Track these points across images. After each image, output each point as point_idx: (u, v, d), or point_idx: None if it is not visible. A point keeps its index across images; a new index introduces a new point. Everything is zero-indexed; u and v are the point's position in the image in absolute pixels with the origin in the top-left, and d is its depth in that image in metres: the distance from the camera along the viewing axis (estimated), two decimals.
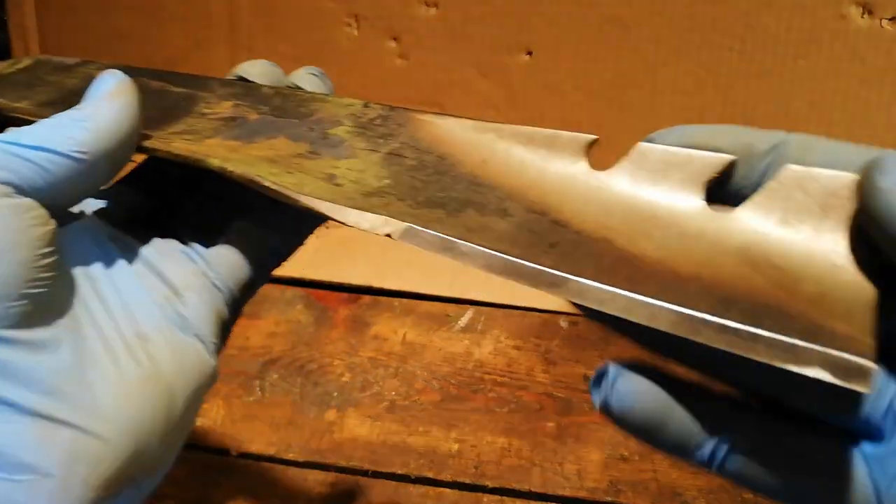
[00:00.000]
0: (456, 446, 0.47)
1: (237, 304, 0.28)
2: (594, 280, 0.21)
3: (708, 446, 0.20)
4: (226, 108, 0.33)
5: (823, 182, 0.21)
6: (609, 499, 0.44)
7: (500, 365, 0.53)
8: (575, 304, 0.21)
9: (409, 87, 0.70)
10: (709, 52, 0.64)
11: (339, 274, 0.61)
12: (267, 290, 0.60)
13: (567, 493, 0.44)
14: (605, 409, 0.21)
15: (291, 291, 0.60)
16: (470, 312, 0.57)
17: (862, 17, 0.61)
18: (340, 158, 0.29)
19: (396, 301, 0.59)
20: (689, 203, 0.24)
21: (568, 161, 0.27)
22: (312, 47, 0.71)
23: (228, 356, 0.54)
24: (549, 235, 0.24)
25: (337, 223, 0.28)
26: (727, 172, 0.23)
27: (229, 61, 0.73)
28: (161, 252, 0.26)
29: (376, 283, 0.60)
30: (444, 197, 0.26)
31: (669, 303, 0.20)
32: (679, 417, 0.21)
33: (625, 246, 0.23)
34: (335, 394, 0.51)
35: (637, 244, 0.22)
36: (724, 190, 0.23)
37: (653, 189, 0.25)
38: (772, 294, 0.20)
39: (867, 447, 0.20)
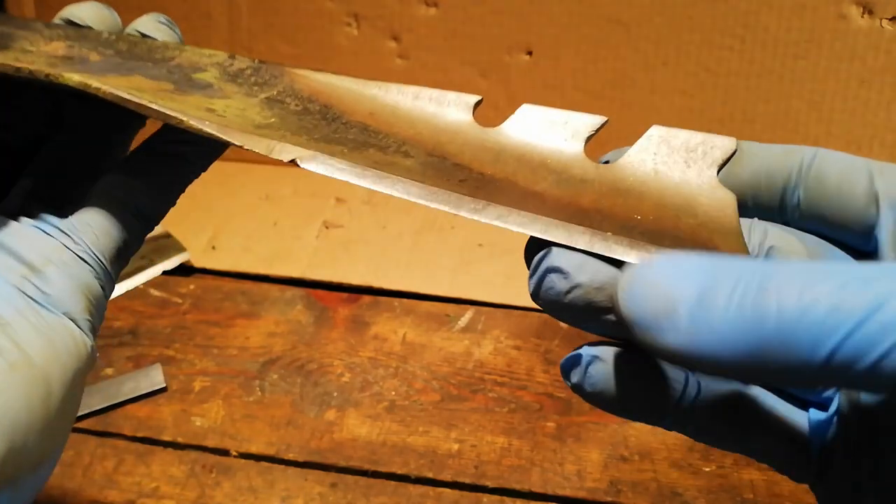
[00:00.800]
0: (456, 446, 0.47)
1: (109, 274, 0.26)
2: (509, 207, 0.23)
3: (669, 419, 0.22)
4: (57, 48, 0.29)
5: (683, 139, 0.25)
6: (609, 499, 0.44)
7: (500, 365, 0.53)
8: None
9: None
10: (709, 52, 0.64)
11: (339, 274, 0.61)
12: (267, 289, 0.60)
13: (567, 493, 0.44)
14: (578, 390, 0.22)
15: (291, 291, 0.60)
16: (470, 312, 0.57)
17: (862, 17, 0.61)
18: (214, 98, 0.28)
19: (396, 301, 0.59)
20: (573, 154, 0.26)
21: (456, 117, 0.29)
22: (312, 47, 0.71)
23: (228, 356, 0.54)
24: (455, 173, 0.25)
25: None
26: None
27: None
28: (11, 230, 0.23)
29: (376, 283, 0.60)
30: (340, 137, 0.26)
31: (581, 226, 0.22)
32: (645, 394, 0.22)
33: (527, 185, 0.24)
34: (335, 394, 0.51)
35: (537, 184, 0.24)
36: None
37: (539, 142, 0.27)
38: (660, 224, 0.22)
39: (813, 413, 0.22)
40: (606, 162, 0.27)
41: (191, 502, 0.44)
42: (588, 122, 0.28)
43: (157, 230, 0.65)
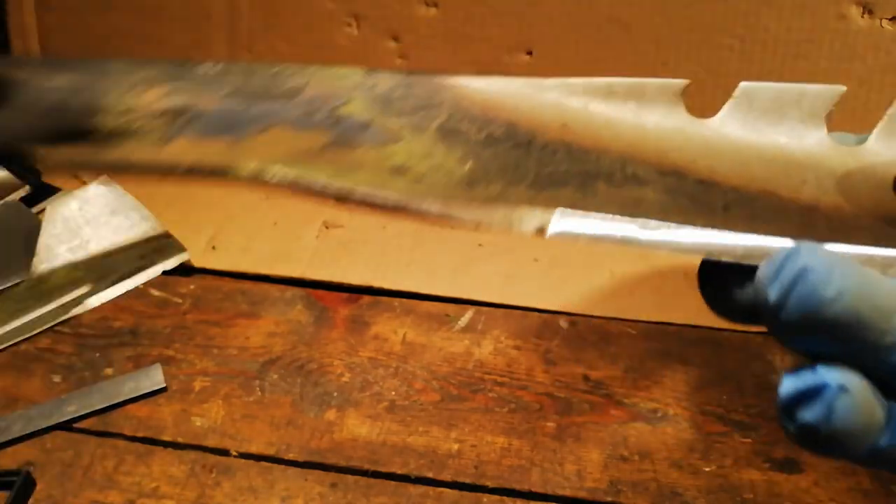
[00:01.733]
0: (456, 446, 0.47)
1: None
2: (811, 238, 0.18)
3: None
4: (156, 97, 0.24)
5: None
6: (609, 499, 0.44)
7: (500, 365, 0.53)
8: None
9: None
10: (709, 52, 0.64)
11: (339, 274, 0.61)
12: (267, 289, 0.60)
13: (567, 493, 0.44)
14: (808, 433, 0.18)
15: (291, 291, 0.60)
16: (470, 312, 0.57)
17: (862, 17, 0.61)
18: (387, 145, 0.24)
19: (396, 301, 0.59)
20: (819, 141, 0.21)
21: (664, 112, 0.24)
22: (312, 47, 0.71)
23: (228, 356, 0.54)
24: (709, 197, 0.21)
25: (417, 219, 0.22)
26: None
27: (229, 61, 0.73)
28: None
29: (376, 283, 0.60)
30: (554, 173, 0.22)
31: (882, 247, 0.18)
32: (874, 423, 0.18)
33: (791, 196, 0.20)
34: (335, 394, 0.51)
35: (801, 192, 0.20)
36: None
37: (773, 131, 0.22)
38: None
39: None
40: (858, 142, 0.22)
41: (191, 502, 0.44)
42: (824, 94, 0.22)
43: (158, 230, 0.65)
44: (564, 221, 0.20)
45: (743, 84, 0.23)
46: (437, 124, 0.24)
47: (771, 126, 0.22)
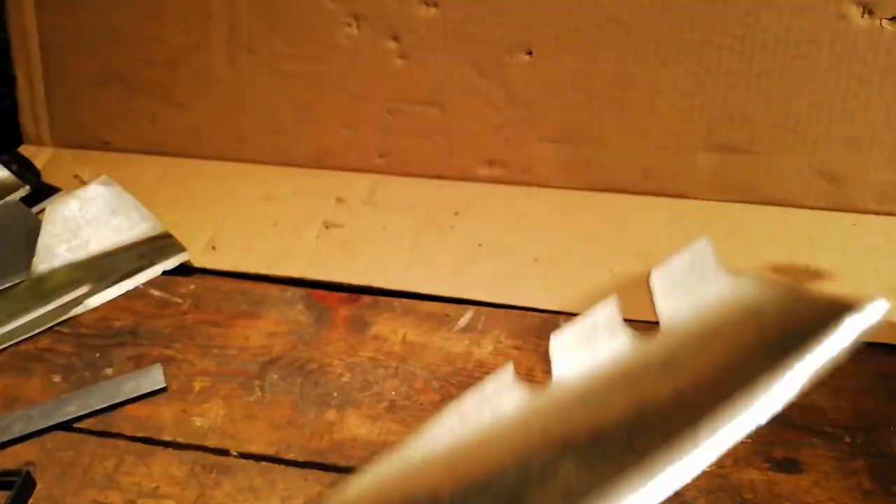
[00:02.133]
0: None
1: None
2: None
3: None
4: None
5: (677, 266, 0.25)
6: None
7: (500, 365, 0.53)
8: None
9: (409, 86, 0.70)
10: (709, 52, 0.64)
11: (339, 274, 0.61)
12: (267, 289, 0.60)
13: None
14: None
15: (291, 291, 0.60)
16: (470, 312, 0.57)
17: (862, 17, 0.61)
18: None
19: (396, 301, 0.59)
20: (628, 347, 0.26)
21: (508, 402, 0.28)
22: (312, 47, 0.71)
23: (228, 356, 0.54)
24: (612, 454, 0.25)
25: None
26: None
27: (229, 61, 0.73)
28: None
29: (376, 283, 0.60)
30: None
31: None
32: None
33: (637, 411, 0.25)
34: (335, 394, 0.51)
35: (651, 392, 0.25)
36: None
37: (595, 363, 0.27)
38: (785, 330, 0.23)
39: None
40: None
41: (191, 502, 0.44)
42: (609, 312, 0.27)
43: (157, 230, 0.65)
44: None
45: (552, 339, 0.28)
46: None
47: (591, 356, 0.27)
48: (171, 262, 0.62)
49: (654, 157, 0.68)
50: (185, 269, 0.62)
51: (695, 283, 0.29)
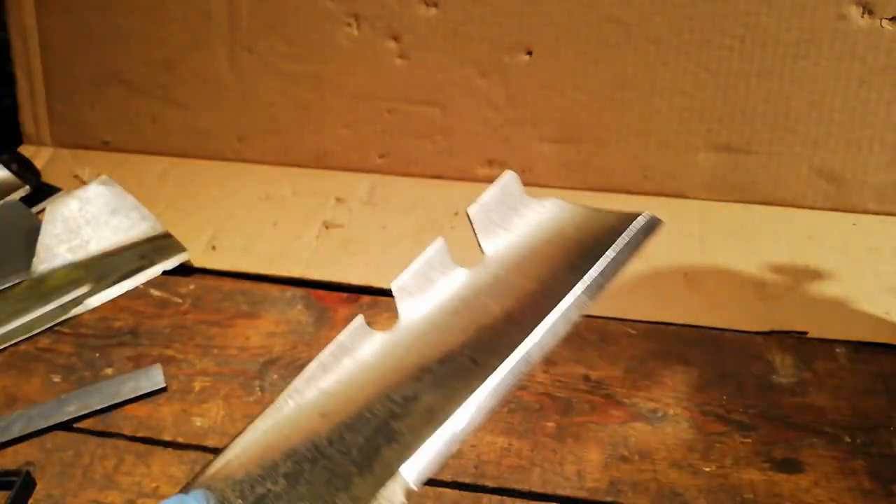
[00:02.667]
0: (455, 446, 0.47)
1: None
2: None
3: None
4: None
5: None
6: (609, 499, 0.44)
7: None
8: None
9: (409, 86, 0.70)
10: (709, 52, 0.64)
11: (339, 274, 0.61)
12: (267, 289, 0.60)
13: (567, 493, 0.44)
14: None
15: (291, 291, 0.60)
16: None
17: (862, 17, 0.61)
18: None
19: None
20: (464, 276, 0.35)
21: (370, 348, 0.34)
22: (312, 47, 0.71)
23: (229, 356, 0.54)
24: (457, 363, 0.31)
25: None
26: None
27: (229, 61, 0.73)
28: None
29: (376, 283, 0.60)
30: (357, 447, 0.30)
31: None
32: None
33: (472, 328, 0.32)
34: None
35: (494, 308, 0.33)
36: None
37: (438, 301, 0.34)
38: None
39: None
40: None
41: None
42: (439, 251, 0.33)
43: (157, 230, 0.65)
44: (410, 471, 0.27)
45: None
46: None
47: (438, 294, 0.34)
48: (171, 262, 0.62)
49: (654, 157, 0.68)
50: (185, 269, 0.62)
51: (507, 213, 0.35)
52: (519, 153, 0.70)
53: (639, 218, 0.33)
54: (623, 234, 0.32)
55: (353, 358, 0.33)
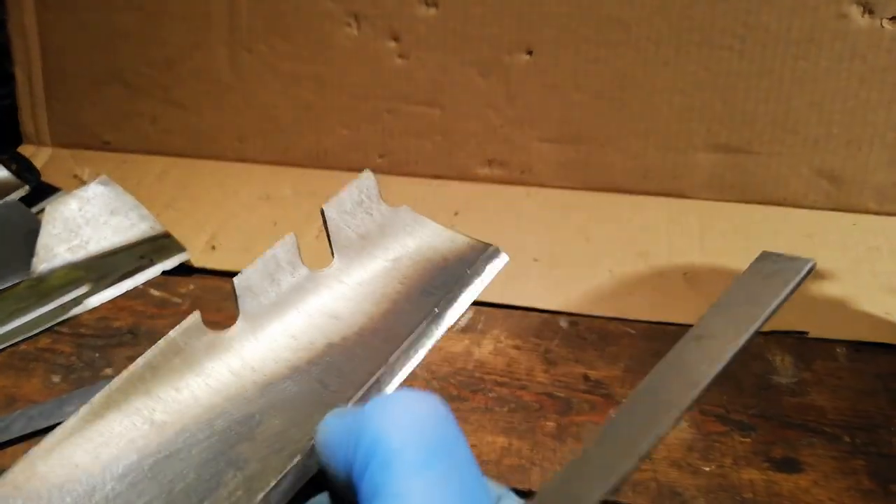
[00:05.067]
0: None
1: None
2: None
3: None
4: None
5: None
6: (608, 498, 0.44)
7: (500, 365, 0.53)
8: None
9: (409, 86, 0.71)
10: (709, 52, 0.64)
11: None
12: None
13: None
14: None
15: None
16: (470, 312, 0.57)
17: (862, 16, 0.61)
18: None
19: None
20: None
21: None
22: (312, 47, 0.71)
23: None
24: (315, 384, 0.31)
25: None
26: None
27: (229, 61, 0.73)
28: None
29: None
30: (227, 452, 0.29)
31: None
32: None
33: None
34: None
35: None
36: None
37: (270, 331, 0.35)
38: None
39: None
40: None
41: None
42: (288, 248, 0.33)
43: (157, 230, 0.65)
44: None
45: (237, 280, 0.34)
46: None
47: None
48: (170, 262, 0.62)
49: (655, 156, 0.68)
50: (184, 269, 0.62)
51: (362, 217, 0.34)
52: (519, 153, 0.70)
53: (489, 249, 0.33)
54: (476, 265, 0.32)
55: (184, 359, 0.30)
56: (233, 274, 0.36)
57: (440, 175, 0.72)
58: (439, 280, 0.32)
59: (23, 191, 0.70)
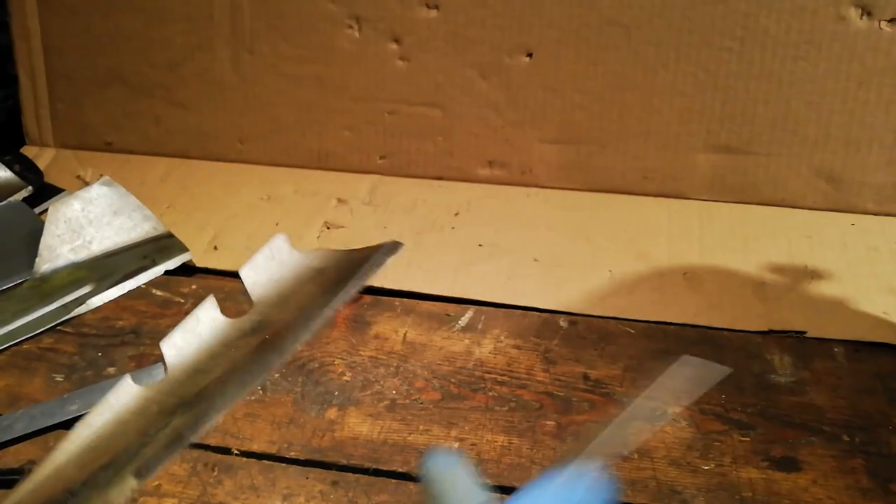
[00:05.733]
0: (456, 445, 0.47)
1: None
2: None
3: None
4: None
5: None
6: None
7: (500, 364, 0.53)
8: None
9: (410, 88, 0.71)
10: (708, 54, 0.64)
11: None
12: None
13: None
14: None
15: None
16: (470, 312, 0.58)
17: (861, 18, 0.61)
18: None
19: (397, 301, 0.59)
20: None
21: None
22: (314, 49, 0.72)
23: None
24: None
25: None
26: None
27: (231, 62, 0.74)
28: None
29: (376, 283, 0.60)
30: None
31: None
32: None
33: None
34: (336, 393, 0.51)
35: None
36: None
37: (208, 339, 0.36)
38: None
39: None
40: None
41: (192, 500, 0.44)
42: (209, 310, 0.36)
43: (160, 230, 0.65)
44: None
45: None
46: None
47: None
48: (173, 262, 0.63)
49: (654, 158, 0.68)
50: (187, 269, 0.63)
51: (277, 268, 0.37)
52: (519, 154, 0.71)
53: (385, 243, 0.35)
54: (370, 260, 0.34)
55: (112, 409, 0.33)
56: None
57: (441, 176, 0.73)
58: (340, 282, 0.34)
59: (26, 192, 0.71)
